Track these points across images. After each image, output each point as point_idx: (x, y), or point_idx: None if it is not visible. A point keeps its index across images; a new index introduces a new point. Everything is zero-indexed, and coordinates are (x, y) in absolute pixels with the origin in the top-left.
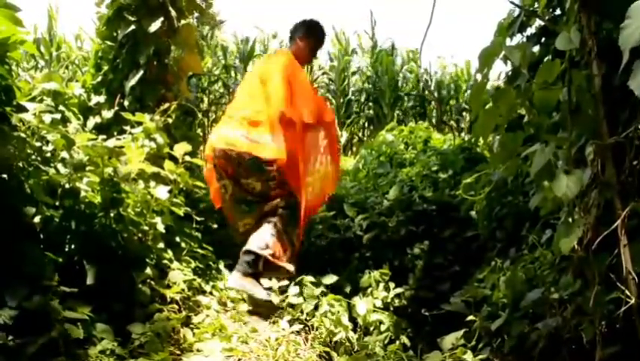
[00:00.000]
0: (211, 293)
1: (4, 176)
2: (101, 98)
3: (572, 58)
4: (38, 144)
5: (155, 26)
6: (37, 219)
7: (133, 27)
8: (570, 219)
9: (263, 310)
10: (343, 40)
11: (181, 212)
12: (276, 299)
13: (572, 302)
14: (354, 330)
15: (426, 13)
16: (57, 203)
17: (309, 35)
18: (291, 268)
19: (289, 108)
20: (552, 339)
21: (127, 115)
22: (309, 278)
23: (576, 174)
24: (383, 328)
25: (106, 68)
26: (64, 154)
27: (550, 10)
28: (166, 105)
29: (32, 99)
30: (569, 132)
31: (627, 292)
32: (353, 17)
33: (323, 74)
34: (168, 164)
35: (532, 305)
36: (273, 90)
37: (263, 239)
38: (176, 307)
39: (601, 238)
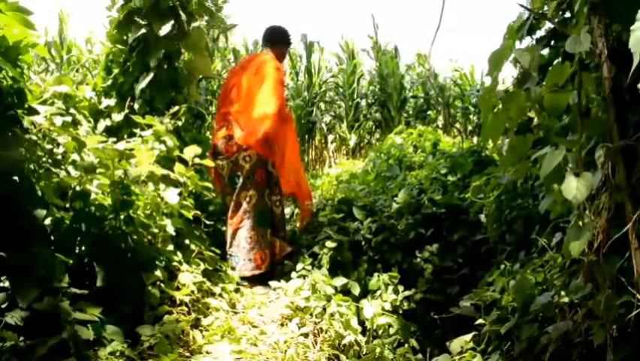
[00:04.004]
0: (220, 296)
1: (16, 178)
2: (112, 101)
3: (582, 60)
4: (49, 146)
5: (165, 30)
6: (47, 221)
7: (143, 30)
8: (580, 223)
9: None
10: (350, 44)
11: (190, 215)
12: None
13: (582, 306)
14: (363, 333)
15: (431, 17)
16: (68, 205)
17: (283, 40)
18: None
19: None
20: (562, 343)
21: (137, 118)
22: (318, 279)
23: (586, 177)
24: (392, 331)
25: (116, 71)
26: (74, 156)
27: (560, 12)
28: (176, 108)
29: (43, 102)
30: (579, 135)
31: (638, 295)
32: (357, 21)
33: (332, 77)
34: (178, 166)
35: (542, 309)
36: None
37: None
38: (186, 309)
39: (611, 241)
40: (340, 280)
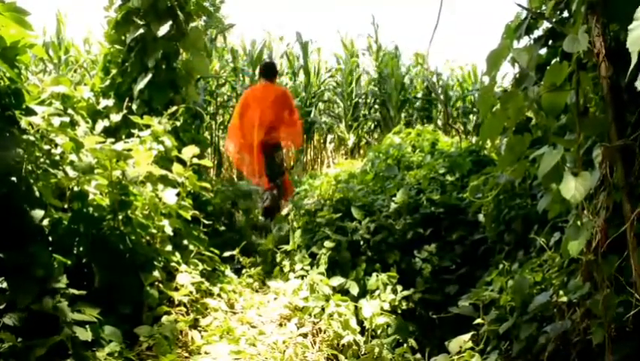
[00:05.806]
0: (219, 296)
1: (14, 179)
2: (110, 102)
3: (580, 60)
4: (47, 147)
5: (163, 30)
6: (45, 221)
7: (142, 31)
8: (579, 222)
9: None
10: (349, 44)
11: (189, 215)
12: None
13: (580, 305)
14: (362, 333)
15: (431, 17)
16: (66, 206)
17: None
18: None
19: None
20: (561, 342)
21: (135, 118)
22: (317, 279)
23: (584, 176)
24: (390, 331)
25: (114, 71)
26: (72, 157)
27: (558, 12)
28: (174, 108)
29: (41, 102)
30: (577, 135)
31: (636, 295)
32: (357, 21)
33: (330, 76)
34: (176, 167)
35: (541, 308)
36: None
37: None
38: (184, 309)
39: (610, 240)
40: (338, 280)
